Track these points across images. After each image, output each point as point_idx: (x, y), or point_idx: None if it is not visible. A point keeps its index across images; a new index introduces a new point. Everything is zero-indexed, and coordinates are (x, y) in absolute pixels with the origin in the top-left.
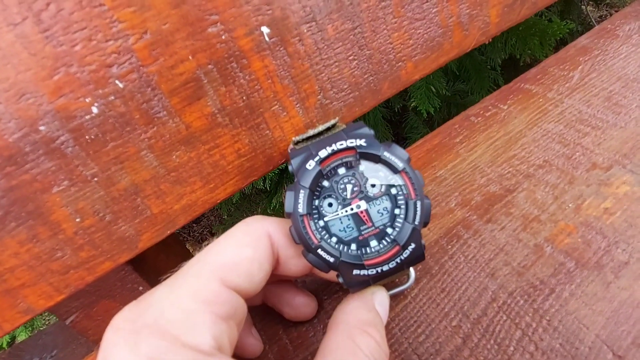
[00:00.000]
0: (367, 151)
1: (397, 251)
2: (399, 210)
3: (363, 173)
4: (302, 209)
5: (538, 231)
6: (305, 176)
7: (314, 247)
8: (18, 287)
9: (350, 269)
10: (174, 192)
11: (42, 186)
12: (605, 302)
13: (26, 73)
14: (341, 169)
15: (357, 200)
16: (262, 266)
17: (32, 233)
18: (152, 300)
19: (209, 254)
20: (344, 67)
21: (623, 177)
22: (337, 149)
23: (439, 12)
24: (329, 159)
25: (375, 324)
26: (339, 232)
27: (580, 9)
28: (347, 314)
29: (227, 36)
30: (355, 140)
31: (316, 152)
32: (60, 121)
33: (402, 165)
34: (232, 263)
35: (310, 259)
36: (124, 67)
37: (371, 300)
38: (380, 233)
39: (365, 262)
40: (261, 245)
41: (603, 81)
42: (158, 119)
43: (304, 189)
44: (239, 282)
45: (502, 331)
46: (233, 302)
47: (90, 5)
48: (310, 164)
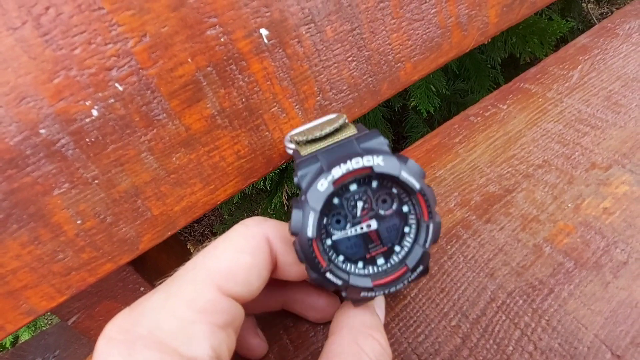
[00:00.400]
0: (384, 172)
1: (405, 272)
2: (409, 229)
3: (375, 190)
4: (312, 233)
5: (537, 231)
6: (317, 198)
7: (322, 271)
8: (20, 289)
9: (359, 291)
10: (174, 193)
11: (43, 189)
12: (604, 302)
13: (26, 77)
14: (353, 185)
15: (368, 220)
16: (260, 273)
17: (34, 235)
18: (147, 308)
19: (206, 258)
20: (343, 68)
21: (622, 177)
22: (353, 168)
23: (438, 13)
24: (342, 178)
25: (378, 327)
26: (346, 250)
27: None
28: (350, 318)
29: (226, 38)
30: (372, 159)
31: (328, 168)
32: (60, 124)
33: (418, 187)
34: (230, 270)
35: (315, 279)
36: (124, 70)
37: (372, 304)
38: (387, 251)
39: (374, 284)
40: (260, 251)
41: (603, 80)
42: (158, 122)
43: (314, 211)
44: (237, 289)
45: (501, 331)
46: (231, 310)
47: (90, 9)
48: (323, 184)
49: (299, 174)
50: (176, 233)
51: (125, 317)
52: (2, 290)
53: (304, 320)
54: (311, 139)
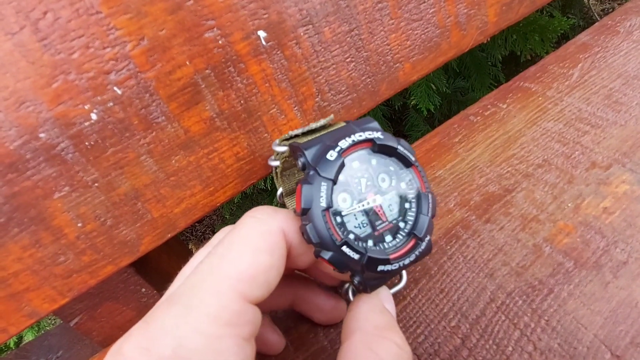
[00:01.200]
0: (384, 143)
1: (415, 244)
2: (409, 205)
3: (375, 167)
4: (325, 203)
5: (537, 231)
6: (328, 167)
7: (338, 245)
8: (22, 291)
9: (376, 265)
10: (173, 196)
11: (43, 192)
12: (604, 302)
13: (25, 81)
14: (355, 162)
15: (372, 195)
16: (279, 271)
17: (35, 238)
18: (166, 324)
19: (224, 262)
20: (342, 69)
21: (622, 176)
22: (357, 140)
23: (437, 13)
24: (349, 149)
25: (391, 326)
26: (354, 229)
27: (582, 2)
28: (360, 321)
29: (224, 41)
30: (372, 133)
31: (335, 143)
32: (60, 128)
33: (414, 159)
34: (252, 275)
35: (331, 258)
36: (122, 73)
37: (379, 301)
38: (393, 227)
39: (391, 257)
40: (277, 248)
41: (603, 79)
42: (157, 124)
43: (326, 180)
44: (258, 293)
45: (501, 331)
46: (255, 319)
47: (87, 13)
48: (332, 154)
49: (306, 152)
50: (176, 234)
51: (142, 333)
52: (5, 293)
53: (304, 322)
54: (308, 130)
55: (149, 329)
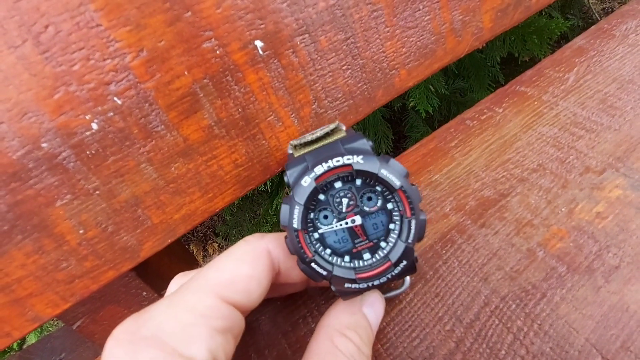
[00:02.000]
0: (363, 169)
1: (389, 267)
2: (394, 226)
3: (359, 187)
4: (297, 225)
5: (531, 236)
6: (300, 193)
7: (307, 261)
8: (26, 297)
9: (342, 282)
10: (173, 202)
11: (46, 200)
12: (595, 307)
13: (27, 93)
14: (338, 182)
15: (353, 215)
16: (260, 283)
17: (38, 245)
18: (152, 313)
19: (209, 270)
20: (338, 76)
21: (616, 181)
22: (334, 165)
23: (432, 20)
24: (324, 175)
25: (357, 327)
26: (333, 244)
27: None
28: (330, 318)
29: (222, 51)
30: (352, 157)
31: (312, 167)
32: (61, 138)
33: (398, 184)
34: (230, 280)
35: (304, 269)
36: (122, 84)
37: (358, 304)
38: (374, 247)
39: (357, 276)
40: (260, 262)
41: (598, 83)
42: (156, 133)
43: (299, 205)
44: (237, 298)
45: (495, 335)
46: (231, 316)
47: (88, 26)
48: (306, 180)
49: (288, 173)
50: (177, 239)
51: (132, 321)
52: (9, 299)
53: (302, 325)
54: (303, 142)
55: (138, 319)
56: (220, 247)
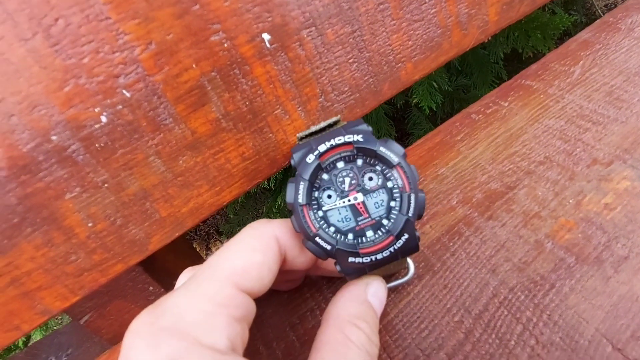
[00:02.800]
0: (363, 146)
1: (391, 241)
2: (395, 203)
3: (361, 167)
4: (302, 199)
5: (538, 227)
6: (305, 169)
7: (312, 235)
8: (35, 290)
9: (346, 256)
10: (181, 195)
11: (55, 193)
12: (605, 297)
13: (38, 86)
14: (340, 162)
15: (355, 193)
16: (270, 269)
17: (47, 238)
18: (169, 304)
19: (221, 259)
20: (344, 69)
21: (624, 173)
22: (336, 143)
23: (438, 13)
24: (327, 153)
25: (366, 317)
26: (337, 223)
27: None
28: (338, 308)
29: (229, 44)
30: (352, 136)
31: (316, 147)
32: (71, 131)
33: (397, 160)
34: (244, 268)
35: (308, 246)
36: (131, 77)
37: (364, 292)
38: (376, 224)
39: (361, 251)
40: (270, 249)
41: (604, 76)
42: (164, 126)
43: (303, 180)
44: (251, 285)
45: (504, 326)
46: (246, 304)
47: (97, 19)
48: (310, 157)
49: (294, 156)
50: (183, 233)
51: (149, 312)
52: (18, 292)
53: (310, 318)
54: (308, 133)
55: (155, 310)
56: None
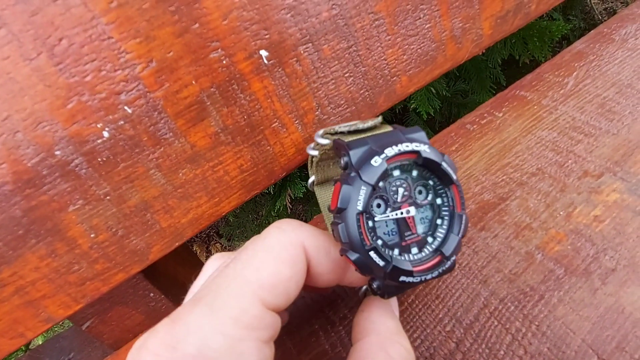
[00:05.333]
0: (429, 157)
1: (440, 261)
2: (441, 221)
3: (415, 178)
4: (362, 207)
5: (529, 239)
6: (370, 172)
7: (366, 249)
8: (39, 299)
9: (399, 275)
10: (181, 207)
11: (59, 206)
12: (592, 308)
13: (42, 103)
14: (396, 171)
15: (407, 206)
16: (298, 283)
17: (51, 249)
18: (191, 323)
19: (247, 269)
20: (341, 84)
21: (613, 185)
22: (404, 150)
23: (432, 28)
24: (394, 158)
25: (401, 332)
26: (383, 235)
27: (584, 3)
28: (376, 324)
29: (228, 61)
30: (420, 145)
31: (381, 149)
32: (74, 146)
33: (455, 178)
34: (272, 283)
35: (357, 260)
36: (132, 93)
37: (391, 306)
38: (421, 241)
39: (414, 269)
40: (298, 261)
41: (597, 87)
42: (165, 140)
43: (366, 185)
44: (278, 301)
45: (493, 336)
46: (274, 324)
47: (99, 39)
48: (377, 160)
49: (351, 152)
50: (183, 243)
51: (168, 331)
52: (22, 300)
53: (306, 325)
54: (354, 129)
55: (174, 327)
56: (223, 247)
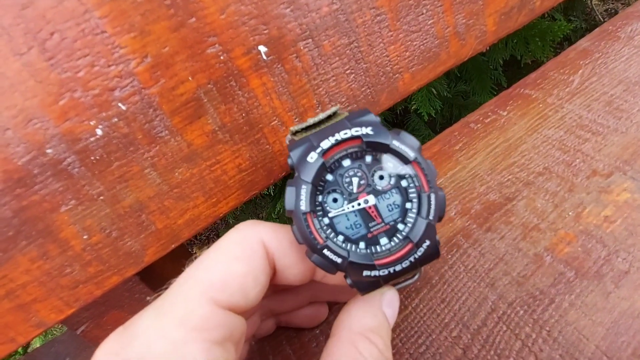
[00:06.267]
0: (374, 140)
1: (411, 249)
2: (411, 205)
3: (370, 164)
4: (305, 207)
5: (538, 240)
6: (307, 170)
7: (319, 248)
8: (30, 302)
9: (360, 270)
10: (177, 207)
11: (50, 206)
12: (605, 313)
13: (33, 99)
14: (346, 160)
15: (365, 195)
16: (257, 279)
17: (42, 250)
18: (138, 329)
19: (198, 270)
20: (342, 81)
21: (624, 184)
22: (341, 138)
23: (435, 24)
24: (332, 150)
25: (379, 330)
26: (345, 230)
27: (585, 4)
28: (351, 318)
29: (226, 56)
30: (360, 129)
31: (318, 143)
32: (66, 144)
33: (413, 155)
34: (223, 280)
35: (315, 260)
36: (126, 90)
37: (378, 302)
38: (390, 230)
39: (376, 262)
40: (255, 256)
41: (604, 85)
42: (160, 138)
43: (305, 184)
44: (233, 300)
45: (502, 342)
46: (228, 323)
47: (93, 33)
48: (312, 156)
49: (291, 154)
50: (179, 245)
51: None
52: (13, 304)
53: (306, 331)
54: (305, 126)
55: (123, 334)
56: None
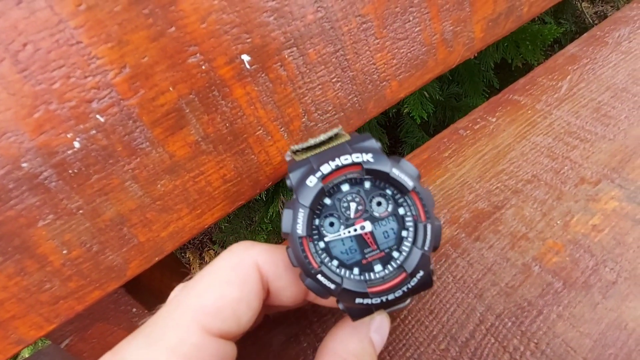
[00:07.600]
0: (374, 168)
1: (404, 278)
2: (407, 233)
3: (369, 191)
4: (302, 231)
5: (526, 250)
6: (306, 194)
7: (313, 273)
8: (8, 319)
9: (353, 297)
10: (160, 220)
11: (27, 221)
12: (593, 324)
13: (6, 113)
14: (345, 185)
15: (362, 221)
16: (250, 305)
17: (20, 267)
18: (128, 357)
19: (190, 295)
20: (328, 89)
21: (612, 192)
22: (342, 164)
23: (422, 31)
24: (332, 175)
25: (363, 355)
26: (340, 255)
27: (575, 7)
28: (336, 342)
29: (208, 66)
30: (361, 155)
31: (318, 167)
32: (42, 157)
33: (412, 185)
34: (216, 307)
35: (308, 284)
36: (104, 101)
37: (366, 328)
38: (385, 257)
39: (369, 290)
40: (249, 281)
41: (592, 91)
42: (141, 150)
43: (303, 208)
44: (224, 327)
45: (490, 355)
46: (219, 351)
47: (67, 44)
48: (312, 180)
49: (291, 176)
50: (163, 257)
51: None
52: None
53: (294, 344)
54: (306, 147)
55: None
56: (217, 254)
